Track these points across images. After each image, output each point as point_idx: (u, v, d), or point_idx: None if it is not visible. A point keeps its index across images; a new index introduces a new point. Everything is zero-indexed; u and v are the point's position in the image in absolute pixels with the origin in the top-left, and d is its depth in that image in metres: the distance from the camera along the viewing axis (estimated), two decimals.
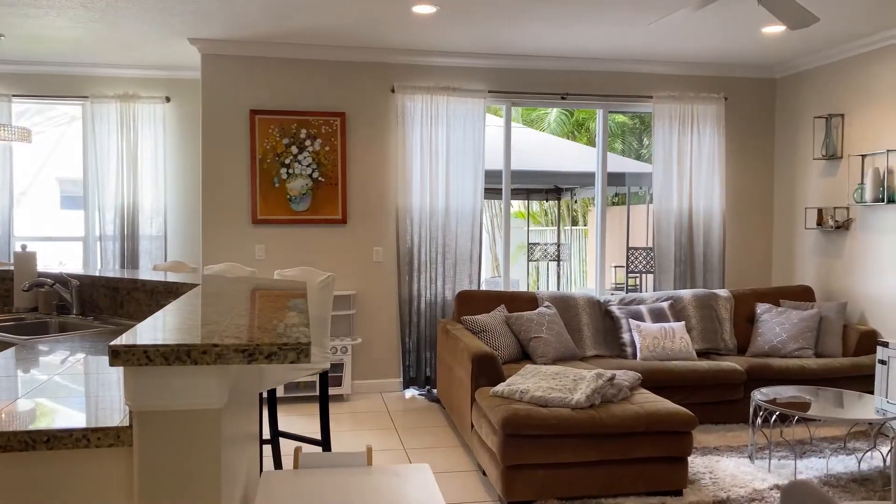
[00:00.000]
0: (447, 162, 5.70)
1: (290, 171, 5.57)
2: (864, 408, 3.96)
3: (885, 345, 4.56)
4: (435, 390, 5.71)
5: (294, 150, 5.57)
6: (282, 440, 4.28)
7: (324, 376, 3.34)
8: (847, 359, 5.05)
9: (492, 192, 6.51)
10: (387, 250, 5.79)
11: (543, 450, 3.43)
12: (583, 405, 3.53)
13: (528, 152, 8.99)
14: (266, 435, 4.39)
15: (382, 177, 5.77)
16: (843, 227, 5.53)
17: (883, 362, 4.58)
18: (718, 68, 6.16)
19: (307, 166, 5.59)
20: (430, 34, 5.19)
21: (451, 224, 5.73)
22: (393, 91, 5.70)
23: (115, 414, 1.54)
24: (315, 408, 5.28)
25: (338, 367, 5.51)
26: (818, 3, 4.39)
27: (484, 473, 3.91)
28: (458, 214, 5.75)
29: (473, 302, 5.25)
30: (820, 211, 5.75)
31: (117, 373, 2.02)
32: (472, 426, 4.05)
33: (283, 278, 3.27)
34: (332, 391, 5.49)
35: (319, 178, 5.61)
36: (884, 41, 5.11)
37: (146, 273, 3.42)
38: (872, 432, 4.53)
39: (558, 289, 11.06)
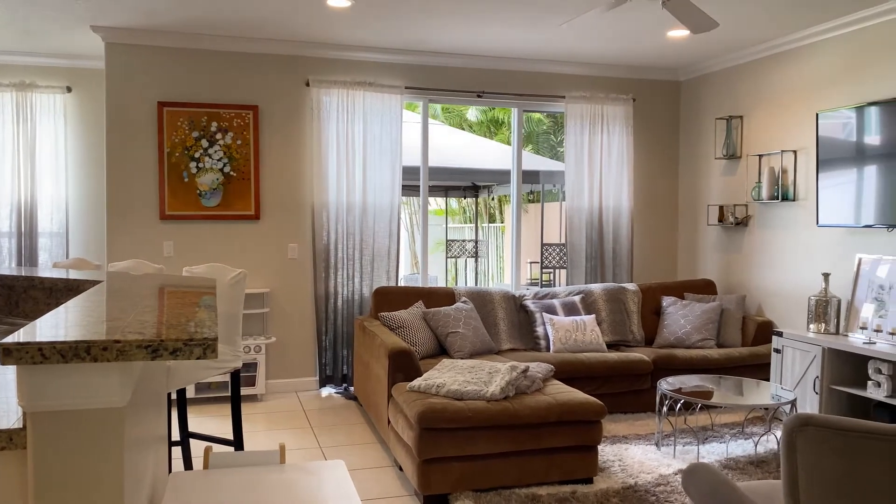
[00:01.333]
0: (364, 158, 5.67)
1: (201, 165, 5.41)
2: (760, 394, 4.19)
3: (780, 334, 4.84)
4: (352, 388, 5.68)
5: (204, 143, 5.41)
6: (192, 442, 4.16)
7: (235, 375, 3.27)
8: (746, 348, 5.33)
9: (410, 189, 6.53)
10: (302, 247, 5.72)
11: (459, 442, 3.47)
12: (497, 397, 3.60)
13: (446, 149, 9.05)
14: (176, 437, 4.26)
15: (297, 172, 5.68)
16: (742, 223, 5.83)
17: (778, 351, 4.86)
18: (627, 70, 6.38)
19: (218, 160, 5.45)
20: (345, 28, 5.15)
21: (369, 220, 5.71)
22: (308, 85, 5.62)
23: (10, 415, 1.46)
24: (228, 408, 5.16)
25: (251, 366, 5.40)
26: (718, 9, 4.61)
27: (400, 469, 3.92)
28: (375, 210, 5.73)
29: (391, 298, 5.25)
30: (721, 208, 6.04)
31: (14, 373, 1.92)
32: (389, 422, 4.05)
33: (192, 275, 3.18)
34: (245, 391, 5.37)
35: (231, 173, 5.48)
36: (778, 47, 5.41)
37: (45, 270, 3.25)
38: (768, 417, 4.81)
39: (476, 284, 11.18)
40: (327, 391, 5.72)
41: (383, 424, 4.20)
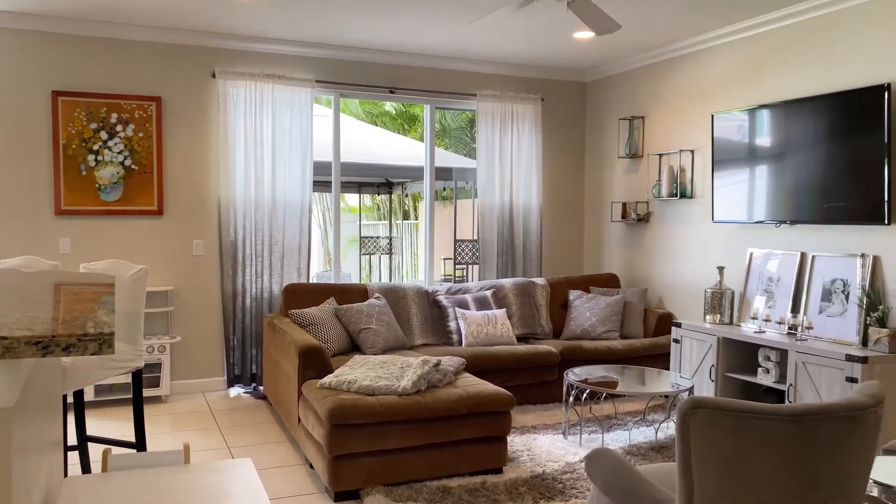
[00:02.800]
0: (273, 152, 5.57)
1: (100, 158, 5.17)
2: (661, 383, 4.38)
3: (679, 325, 5.08)
4: (261, 387, 5.57)
5: (104, 135, 5.18)
6: (92, 446, 3.98)
7: (137, 376, 3.15)
8: (648, 339, 5.56)
9: (323, 185, 6.46)
10: (208, 243, 5.56)
11: (370, 438, 3.47)
12: (409, 391, 3.62)
13: (359, 145, 8.99)
14: (73, 440, 4.06)
15: (203, 166, 5.52)
16: (644, 219, 6.07)
17: (677, 341, 5.10)
18: (536, 70, 6.52)
19: (118, 153, 5.22)
20: (253, 19, 5.04)
21: (279, 216, 5.61)
22: (214, 76, 5.47)
23: None
24: (130, 411, 4.96)
25: (155, 367, 5.21)
26: (621, 12, 4.78)
27: (311, 466, 3.88)
28: (285, 206, 5.63)
29: (302, 295, 5.18)
30: (624, 205, 6.28)
31: None
32: (300, 420, 4.00)
33: (90, 271, 3.05)
34: (148, 392, 5.18)
35: (132, 167, 5.27)
36: (677, 51, 5.66)
37: None
38: (668, 404, 5.03)
39: (390, 281, 11.17)
40: (236, 391, 5.59)
41: (294, 423, 4.15)
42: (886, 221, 4.01)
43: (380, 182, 11.41)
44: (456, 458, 3.69)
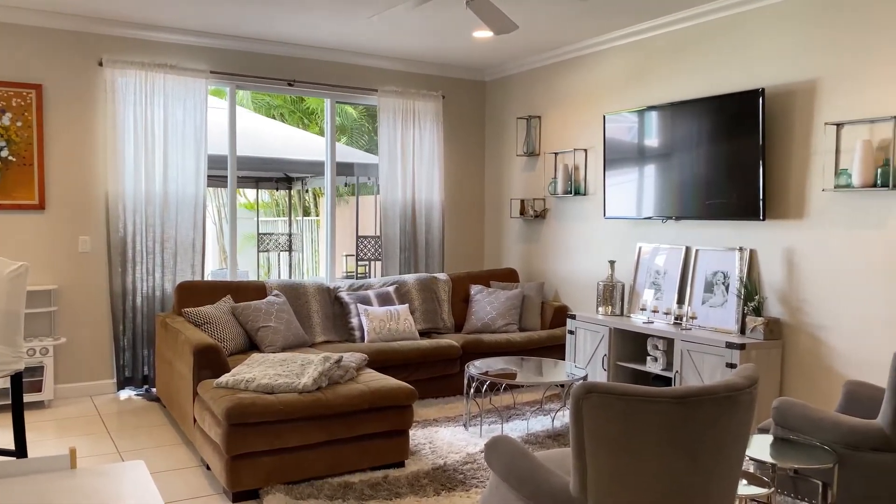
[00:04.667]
0: (165, 145, 5.36)
1: None
2: (557, 373, 4.53)
3: (574, 317, 5.26)
4: (154, 389, 5.35)
5: None
6: None
7: (17, 379, 2.96)
8: (545, 331, 5.73)
9: (218, 180, 6.26)
10: (95, 240, 5.28)
11: (270, 436, 3.41)
12: (310, 388, 3.58)
13: (258, 138, 8.77)
14: None
15: (89, 158, 5.24)
16: (541, 216, 6.25)
17: (572, 332, 5.28)
18: (437, 68, 6.58)
19: None
20: (144, 5, 4.82)
21: (171, 211, 5.40)
22: (101, 65, 5.20)
23: None
24: (8, 417, 4.65)
25: (37, 370, 4.91)
26: (518, 13, 4.90)
27: (208, 468, 3.77)
28: (178, 201, 5.43)
29: (196, 293, 5.02)
30: (522, 202, 6.44)
31: None
32: (195, 421, 3.88)
33: None
34: (30, 398, 4.87)
35: (10, 158, 4.93)
36: (571, 53, 5.86)
37: None
38: (563, 394, 5.21)
39: (291, 279, 10.98)
40: (126, 394, 5.35)
41: (189, 424, 4.02)
42: (762, 217, 4.31)
43: (279, 177, 11.18)
44: (358, 453, 3.68)
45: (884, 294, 3.82)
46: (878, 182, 3.76)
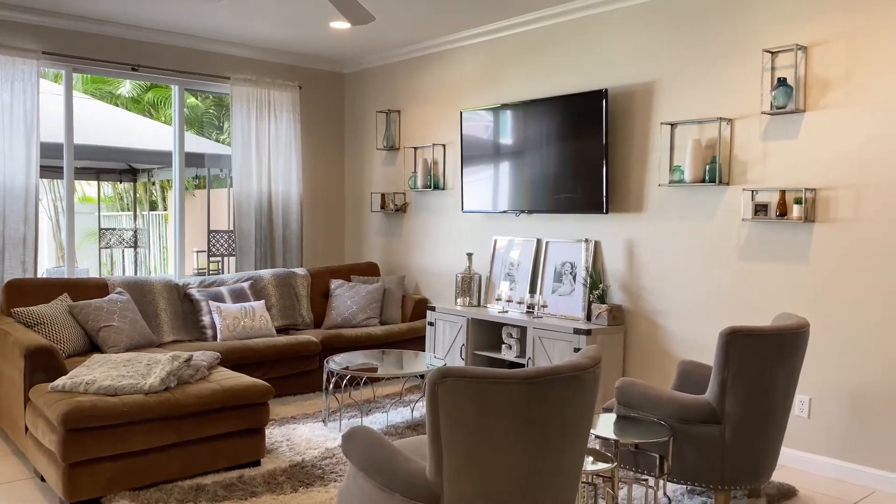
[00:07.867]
0: None
1: None
2: (417, 364, 4.58)
3: (433, 309, 5.34)
4: None
5: None
6: None
7: None
8: (406, 324, 5.77)
9: (54, 170, 5.78)
10: None
11: (113, 441, 3.20)
12: (157, 389, 3.39)
13: (97, 126, 8.18)
14: None
15: None
16: (401, 210, 6.28)
17: (432, 324, 5.36)
18: (294, 58, 6.43)
19: None
20: None
21: None
22: None
23: None
24: None
25: None
26: (377, 6, 4.89)
27: (42, 479, 3.48)
28: (6, 192, 4.96)
29: (28, 292, 4.61)
30: (383, 196, 6.44)
31: None
32: (27, 430, 3.57)
33: None
34: None
35: None
36: (429, 48, 5.93)
37: None
38: (423, 384, 5.28)
39: (136, 276, 10.34)
40: None
41: (20, 434, 3.69)
42: (605, 211, 4.57)
43: (122, 168, 10.50)
44: (211, 454, 3.53)
45: (713, 280, 4.17)
46: (707, 178, 4.10)
